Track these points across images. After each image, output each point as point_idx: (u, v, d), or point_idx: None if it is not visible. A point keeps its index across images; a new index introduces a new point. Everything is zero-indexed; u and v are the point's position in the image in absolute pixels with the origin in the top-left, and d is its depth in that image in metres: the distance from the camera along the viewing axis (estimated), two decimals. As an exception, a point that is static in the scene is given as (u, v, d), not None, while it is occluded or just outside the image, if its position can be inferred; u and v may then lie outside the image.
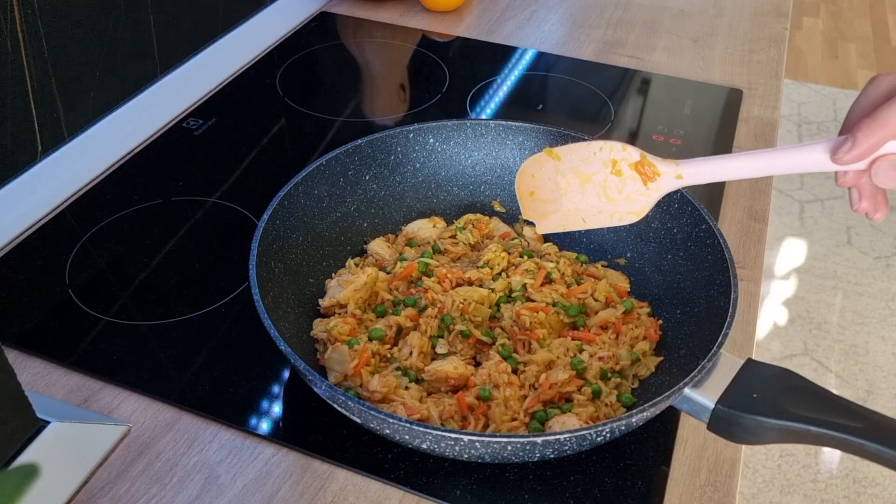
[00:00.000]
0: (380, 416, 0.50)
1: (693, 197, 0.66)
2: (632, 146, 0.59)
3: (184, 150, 0.90)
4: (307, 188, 0.68)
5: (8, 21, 0.70)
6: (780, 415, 0.50)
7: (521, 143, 0.76)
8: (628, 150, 0.59)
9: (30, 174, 0.77)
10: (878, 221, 0.53)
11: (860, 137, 0.48)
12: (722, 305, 0.58)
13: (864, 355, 1.83)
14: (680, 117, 0.98)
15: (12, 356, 0.64)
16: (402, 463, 0.57)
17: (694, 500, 0.56)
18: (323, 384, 0.51)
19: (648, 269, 0.69)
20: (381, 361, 0.61)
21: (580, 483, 0.56)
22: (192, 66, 0.96)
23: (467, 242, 0.73)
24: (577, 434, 0.49)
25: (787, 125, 2.61)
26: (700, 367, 0.52)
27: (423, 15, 1.20)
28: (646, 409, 0.50)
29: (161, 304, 0.70)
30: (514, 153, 0.76)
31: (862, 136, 0.48)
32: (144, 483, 0.56)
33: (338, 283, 0.66)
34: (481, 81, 1.04)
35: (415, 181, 0.76)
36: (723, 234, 0.63)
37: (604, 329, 0.65)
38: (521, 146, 0.76)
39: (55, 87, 0.78)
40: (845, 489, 1.56)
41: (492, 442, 0.49)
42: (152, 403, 0.61)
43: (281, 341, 0.53)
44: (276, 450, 0.58)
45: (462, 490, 0.56)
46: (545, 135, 0.74)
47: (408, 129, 0.74)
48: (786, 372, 0.53)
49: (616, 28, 1.19)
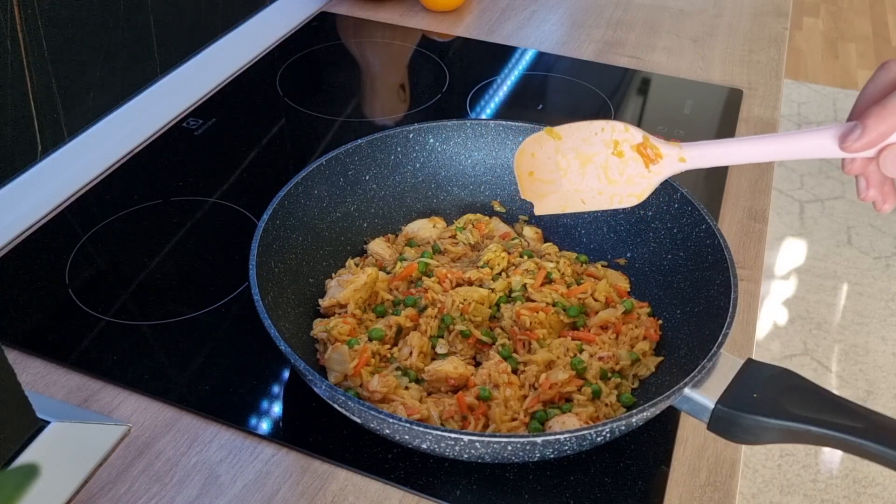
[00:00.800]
0: (380, 416, 0.50)
1: (693, 197, 0.66)
2: (634, 127, 0.57)
3: (183, 151, 0.90)
4: (307, 188, 0.68)
5: (8, 21, 0.70)
6: (779, 415, 0.50)
7: (521, 143, 0.75)
8: (631, 130, 0.57)
9: (30, 174, 0.77)
10: (886, 212, 0.52)
11: (870, 125, 0.47)
12: (722, 305, 0.58)
13: (864, 355, 1.83)
14: (680, 117, 0.98)
15: (12, 356, 0.64)
16: (402, 463, 0.57)
17: (694, 500, 0.56)
18: (323, 384, 0.51)
19: (648, 269, 0.69)
20: (381, 361, 0.61)
21: (580, 483, 0.56)
22: (191, 66, 0.96)
23: (467, 242, 0.73)
24: (577, 434, 0.49)
25: (787, 125, 2.60)
26: (700, 367, 0.52)
27: (423, 15, 1.20)
28: (646, 409, 0.50)
29: (161, 304, 0.70)
30: (514, 153, 0.76)
31: (871, 124, 0.47)
32: (144, 483, 0.56)
33: (338, 283, 0.66)
34: (481, 81, 1.04)
35: (415, 181, 0.76)
36: (723, 234, 0.63)
37: (604, 329, 0.65)
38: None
39: (55, 87, 0.78)
40: (845, 489, 1.56)
41: (492, 442, 0.49)
42: (152, 403, 0.61)
43: (281, 341, 0.53)
44: (276, 450, 0.58)
45: (462, 490, 0.56)
46: None
47: (408, 129, 0.74)
48: (786, 372, 0.53)
49: (616, 28, 1.19)
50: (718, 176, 0.87)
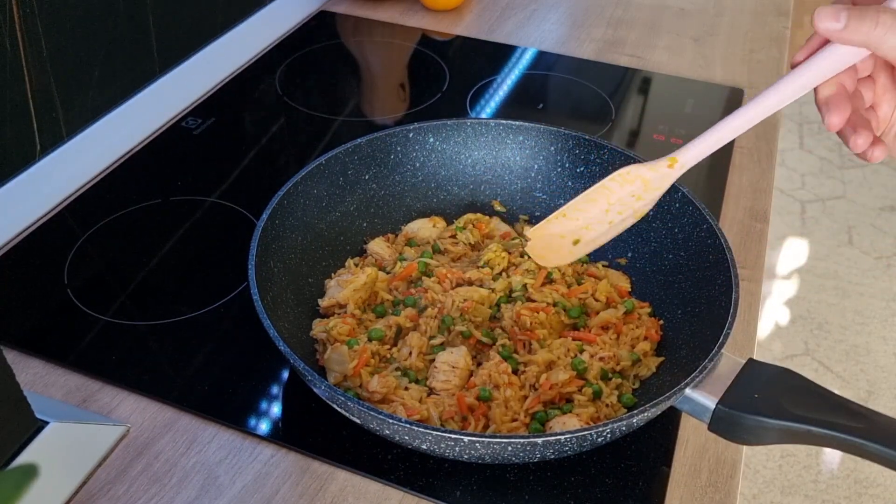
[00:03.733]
0: (379, 417, 0.49)
1: (694, 196, 0.66)
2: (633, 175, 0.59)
3: (183, 150, 0.90)
4: (306, 188, 0.68)
5: (7, 21, 0.70)
6: (781, 415, 0.50)
7: (521, 143, 0.75)
8: (635, 184, 0.59)
9: (29, 174, 0.77)
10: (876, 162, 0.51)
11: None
12: (723, 305, 0.58)
13: (865, 355, 1.83)
14: (681, 116, 0.98)
15: (11, 356, 0.64)
16: (402, 463, 0.57)
17: (695, 500, 0.56)
18: (322, 384, 0.51)
19: (649, 268, 0.69)
20: (381, 362, 0.61)
21: (581, 484, 0.56)
22: (191, 65, 0.96)
23: (467, 242, 0.72)
24: (578, 435, 0.49)
25: (788, 125, 2.60)
26: (701, 368, 0.52)
27: (423, 14, 1.20)
28: (647, 409, 0.50)
29: (160, 304, 0.69)
30: (514, 152, 0.76)
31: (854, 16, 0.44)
32: (143, 483, 0.56)
33: (337, 283, 0.66)
34: (481, 81, 1.04)
35: (414, 181, 0.76)
36: (724, 233, 0.62)
37: (604, 329, 0.64)
38: (521, 145, 0.76)
39: (54, 87, 0.77)
40: (846, 490, 1.55)
41: (492, 442, 0.49)
42: (151, 404, 0.61)
43: (280, 341, 0.53)
44: (276, 450, 0.58)
45: (462, 491, 0.56)
46: (545, 134, 0.74)
47: (407, 128, 0.74)
48: (787, 372, 0.53)
49: (616, 27, 1.19)
50: (719, 176, 0.87)
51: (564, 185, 0.75)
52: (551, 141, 0.74)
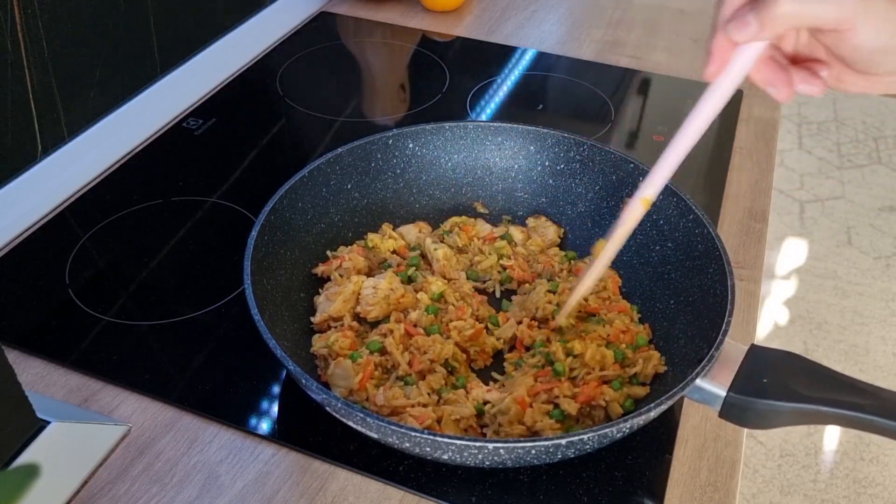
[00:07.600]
0: (400, 431, 0.49)
1: (676, 186, 0.65)
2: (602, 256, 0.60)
3: (184, 150, 0.90)
4: (292, 201, 0.67)
5: (8, 21, 0.70)
6: (792, 397, 0.50)
7: (500, 144, 0.76)
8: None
9: (30, 174, 0.77)
10: (817, 95, 0.51)
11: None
12: (718, 293, 0.58)
13: (864, 355, 1.83)
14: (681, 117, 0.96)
15: (12, 356, 0.64)
16: (403, 464, 0.57)
17: (694, 500, 0.56)
18: (339, 402, 0.50)
19: (637, 261, 0.69)
20: (383, 373, 0.61)
21: (593, 480, 0.56)
22: (192, 65, 0.96)
23: (455, 245, 0.73)
24: (600, 433, 0.49)
25: (787, 125, 2.60)
26: (709, 357, 0.52)
27: (423, 15, 1.20)
28: (662, 401, 0.50)
29: (161, 305, 0.70)
30: (493, 154, 0.76)
31: None
32: (144, 483, 0.56)
33: (326, 297, 0.66)
34: (481, 81, 1.04)
35: (396, 187, 0.75)
36: (710, 220, 0.63)
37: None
38: (500, 146, 0.76)
39: (55, 87, 0.78)
40: (845, 489, 1.56)
41: (516, 447, 0.48)
42: (152, 403, 0.61)
43: (289, 362, 0.52)
44: (276, 450, 0.58)
45: (461, 491, 0.56)
46: (524, 134, 0.75)
47: (387, 135, 0.74)
48: (790, 355, 0.53)
49: (616, 28, 1.19)
50: (719, 176, 0.87)
51: (545, 183, 0.76)
52: (530, 140, 0.75)
